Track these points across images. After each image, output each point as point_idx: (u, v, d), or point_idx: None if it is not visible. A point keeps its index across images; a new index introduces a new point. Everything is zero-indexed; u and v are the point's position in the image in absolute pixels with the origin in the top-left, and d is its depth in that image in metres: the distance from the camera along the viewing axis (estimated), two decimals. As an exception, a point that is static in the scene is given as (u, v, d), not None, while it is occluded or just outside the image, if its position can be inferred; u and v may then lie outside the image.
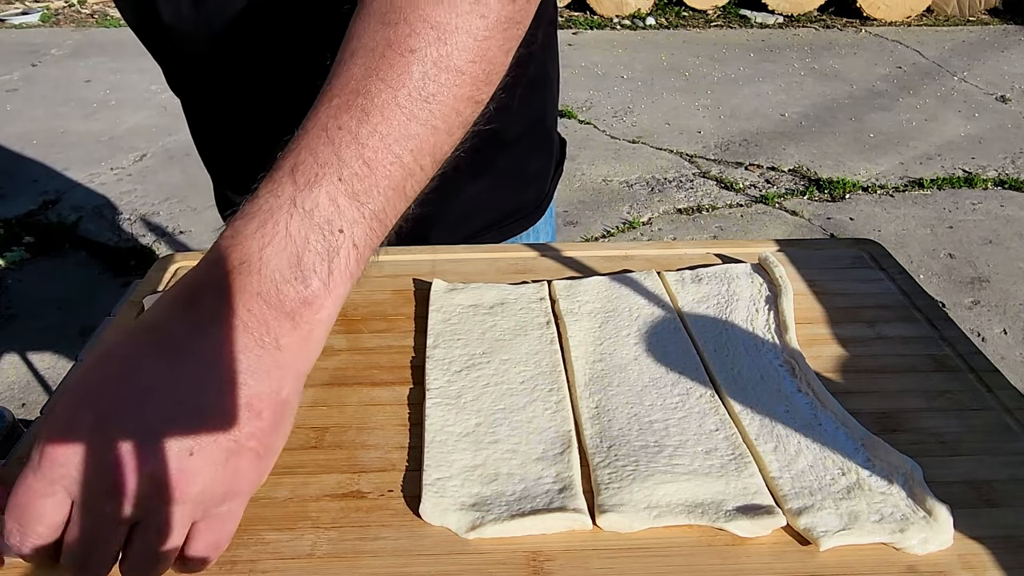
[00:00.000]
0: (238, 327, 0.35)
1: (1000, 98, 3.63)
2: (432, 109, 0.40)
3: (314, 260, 0.36)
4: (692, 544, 0.43)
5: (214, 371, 0.34)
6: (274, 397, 0.36)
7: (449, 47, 0.40)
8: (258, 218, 0.37)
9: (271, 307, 0.35)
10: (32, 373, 2.01)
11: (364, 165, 0.38)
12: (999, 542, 0.43)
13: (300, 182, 0.37)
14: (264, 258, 0.36)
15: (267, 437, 0.36)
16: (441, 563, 0.42)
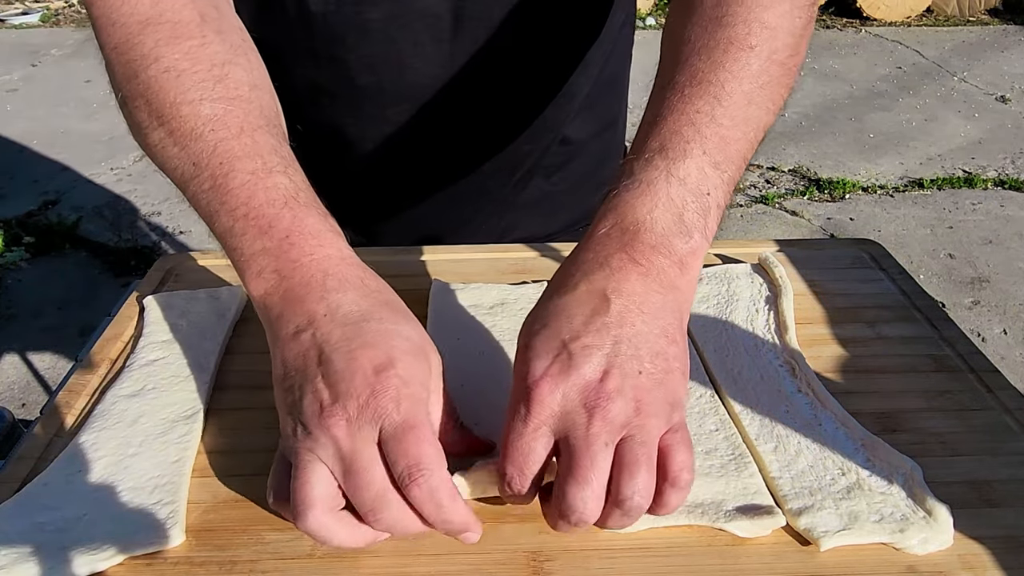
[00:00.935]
0: (643, 273, 0.42)
1: (1000, 98, 3.63)
2: (765, 95, 0.47)
3: (693, 218, 0.43)
4: (692, 544, 0.43)
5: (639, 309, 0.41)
6: (680, 326, 0.42)
7: (778, 44, 0.47)
8: (640, 187, 0.43)
9: (664, 256, 0.42)
10: (32, 373, 2.01)
11: (721, 140, 0.45)
12: (999, 542, 0.43)
13: (671, 156, 0.44)
14: (654, 217, 0.43)
15: (684, 356, 0.42)
16: (441, 563, 0.42)
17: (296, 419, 0.40)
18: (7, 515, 0.44)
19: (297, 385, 0.41)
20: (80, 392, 0.55)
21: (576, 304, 0.41)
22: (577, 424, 0.38)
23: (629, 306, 0.41)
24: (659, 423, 0.39)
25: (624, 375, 0.39)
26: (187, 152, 0.46)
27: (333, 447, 0.38)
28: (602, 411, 0.38)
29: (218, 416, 0.53)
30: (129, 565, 0.42)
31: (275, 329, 0.43)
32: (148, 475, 0.47)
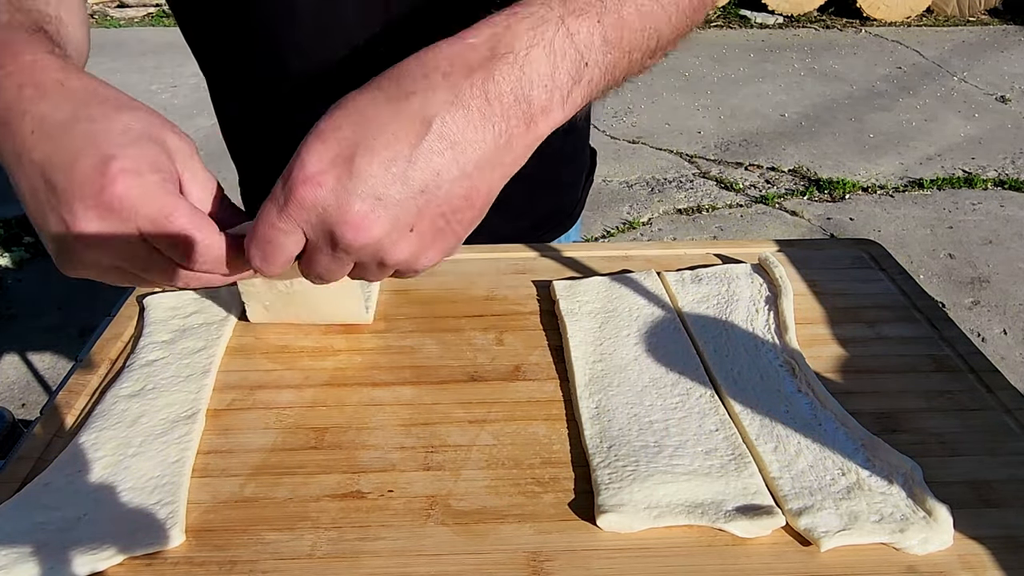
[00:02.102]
0: (487, 115, 0.37)
1: (1000, 98, 3.63)
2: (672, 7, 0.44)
3: (564, 78, 0.39)
4: (692, 544, 0.43)
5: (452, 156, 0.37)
6: (488, 190, 0.39)
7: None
8: (530, 20, 0.39)
9: (518, 104, 0.38)
10: (32, 373, 2.01)
11: (619, 19, 0.41)
12: (999, 542, 0.43)
13: (569, 7, 0.40)
14: (529, 56, 0.38)
15: (471, 225, 0.39)
16: (441, 563, 0.42)
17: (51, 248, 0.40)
18: (7, 515, 0.44)
19: (39, 218, 0.40)
20: (80, 392, 0.55)
21: (396, 118, 0.37)
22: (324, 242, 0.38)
23: (445, 150, 0.37)
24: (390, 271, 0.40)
25: (392, 225, 0.37)
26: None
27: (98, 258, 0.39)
28: (347, 248, 0.37)
29: (218, 416, 0.53)
30: (129, 565, 0.42)
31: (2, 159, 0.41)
32: (148, 475, 0.47)
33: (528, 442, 0.50)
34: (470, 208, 0.38)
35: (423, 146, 0.36)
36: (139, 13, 5.15)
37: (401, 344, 0.60)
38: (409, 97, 0.37)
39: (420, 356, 0.59)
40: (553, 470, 0.48)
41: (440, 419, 0.52)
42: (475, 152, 0.37)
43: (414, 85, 0.37)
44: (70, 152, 0.38)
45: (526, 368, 0.57)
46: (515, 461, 0.49)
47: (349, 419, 0.52)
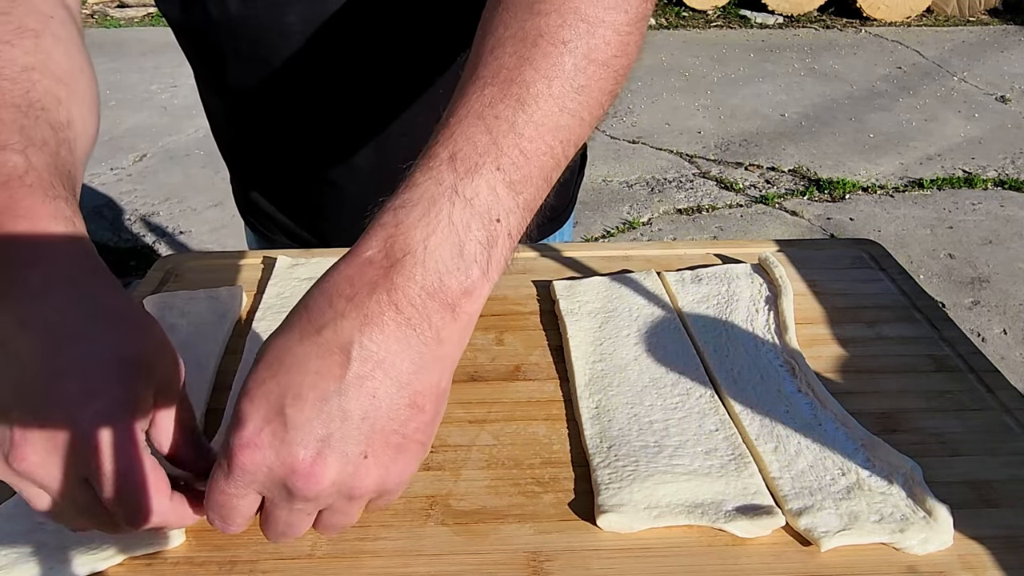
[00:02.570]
0: (402, 323, 0.35)
1: (1000, 98, 3.63)
2: (581, 101, 0.40)
3: (475, 249, 0.36)
4: (692, 544, 0.43)
5: (384, 374, 0.35)
6: (435, 390, 0.37)
7: (597, 40, 0.41)
8: (420, 206, 0.36)
9: (434, 299, 0.36)
10: (32, 373, 2.01)
11: (521, 154, 0.38)
12: (999, 542, 0.43)
13: (460, 170, 0.37)
14: (429, 248, 0.36)
15: (429, 428, 0.37)
16: (441, 563, 0.42)
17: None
18: (7, 515, 0.44)
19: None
20: (80, 392, 0.55)
21: (312, 356, 0.35)
22: (280, 498, 0.36)
23: (374, 371, 0.35)
24: (363, 503, 0.37)
25: (344, 461, 0.35)
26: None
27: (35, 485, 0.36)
28: (304, 499, 0.35)
29: (218, 416, 0.53)
30: (129, 565, 0.42)
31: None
32: (148, 475, 0.46)
33: (528, 442, 0.50)
34: (421, 412, 0.36)
35: (349, 375, 0.34)
36: (139, 13, 5.15)
37: (401, 344, 0.60)
38: (321, 331, 0.35)
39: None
40: (553, 470, 0.48)
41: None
42: (404, 362, 0.35)
43: (322, 318, 0.36)
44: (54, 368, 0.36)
45: (526, 368, 0.57)
46: (515, 461, 0.49)
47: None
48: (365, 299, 0.35)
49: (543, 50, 0.40)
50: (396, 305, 0.35)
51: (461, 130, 0.38)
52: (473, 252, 0.36)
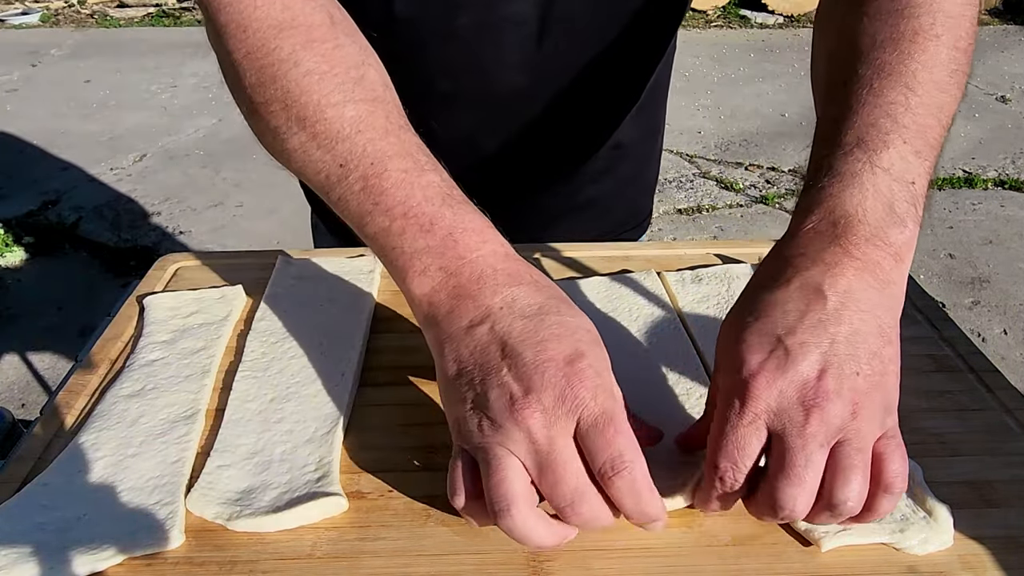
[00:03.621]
0: (859, 267, 0.41)
1: (1000, 98, 3.63)
2: (953, 82, 0.47)
3: (904, 207, 0.42)
4: (692, 544, 0.43)
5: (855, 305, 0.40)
6: (896, 325, 0.42)
7: (960, 31, 0.47)
8: (845, 181, 0.43)
9: (879, 248, 0.41)
10: (32, 373, 2.01)
11: (919, 129, 0.44)
12: (999, 542, 0.43)
13: (871, 147, 0.43)
14: (865, 210, 0.41)
15: (898, 358, 0.42)
16: (441, 563, 0.42)
17: (481, 413, 0.40)
18: (7, 515, 0.44)
19: (479, 380, 0.40)
20: (80, 392, 0.55)
21: (790, 299, 0.40)
22: (793, 421, 0.38)
23: (846, 303, 0.40)
24: (873, 428, 0.39)
25: (842, 376, 0.38)
26: (333, 155, 0.46)
27: (527, 441, 0.38)
28: (819, 411, 0.37)
29: (219, 416, 0.52)
30: (129, 565, 0.42)
31: (444, 326, 0.43)
32: (148, 475, 0.47)
33: (528, 442, 0.50)
34: (889, 343, 0.41)
35: (828, 307, 0.39)
36: (139, 13, 5.16)
37: (401, 344, 0.60)
38: (791, 281, 0.41)
39: (420, 356, 0.58)
40: (553, 470, 0.48)
41: (440, 419, 0.52)
42: (869, 296, 0.40)
43: (787, 274, 0.42)
44: (541, 334, 0.40)
45: (526, 368, 0.57)
46: (515, 461, 0.49)
47: (349, 419, 0.52)
48: (821, 252, 0.41)
49: (921, 45, 0.46)
50: (850, 253, 0.41)
51: (860, 119, 0.44)
52: (903, 209, 0.42)
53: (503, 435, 0.38)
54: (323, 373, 0.55)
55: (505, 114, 0.69)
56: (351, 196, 0.46)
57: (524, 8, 0.63)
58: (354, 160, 0.45)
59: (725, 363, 0.41)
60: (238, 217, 2.72)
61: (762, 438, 0.39)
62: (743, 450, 0.39)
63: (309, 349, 0.57)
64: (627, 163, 0.81)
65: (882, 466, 0.39)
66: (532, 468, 0.38)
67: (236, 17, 0.47)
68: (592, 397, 0.38)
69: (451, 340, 0.42)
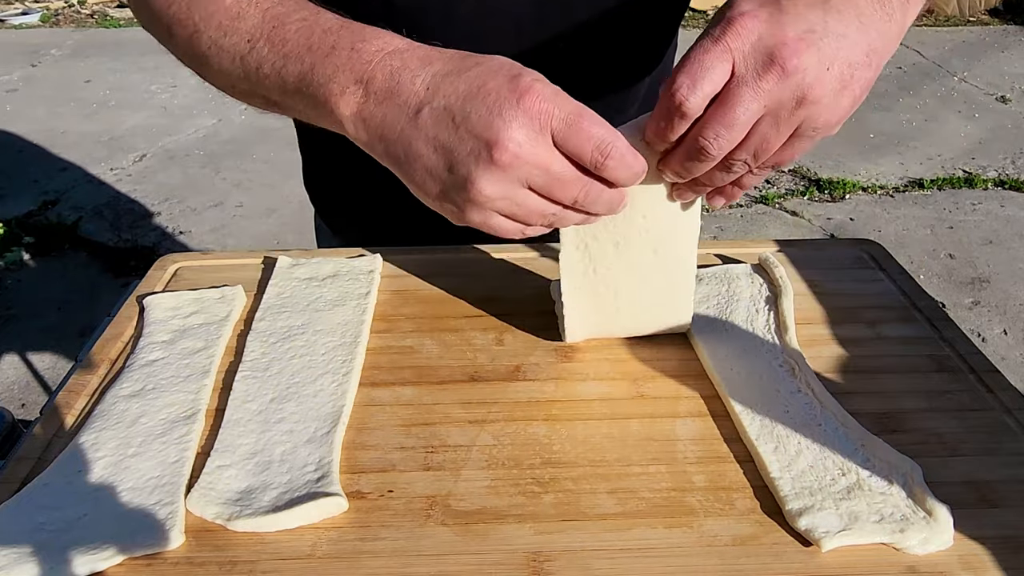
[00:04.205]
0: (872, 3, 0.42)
1: (1000, 98, 3.63)
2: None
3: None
4: (692, 544, 0.43)
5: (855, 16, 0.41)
6: (880, 60, 0.43)
7: None
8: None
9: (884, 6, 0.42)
10: (32, 373, 2.01)
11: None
12: (999, 542, 0.43)
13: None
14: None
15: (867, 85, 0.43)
16: (441, 563, 0.42)
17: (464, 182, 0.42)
18: (7, 515, 0.44)
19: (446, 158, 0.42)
20: (80, 392, 0.55)
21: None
22: (754, 70, 0.40)
23: (849, 8, 0.41)
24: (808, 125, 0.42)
25: (818, 58, 0.40)
26: (239, 35, 0.48)
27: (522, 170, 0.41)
28: (782, 71, 0.39)
29: (219, 416, 0.52)
30: (129, 565, 0.42)
31: (387, 133, 0.44)
32: (148, 475, 0.47)
33: (528, 442, 0.50)
34: (868, 67, 0.42)
35: (832, 3, 0.41)
36: (139, 13, 5.15)
37: (401, 344, 0.60)
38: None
39: (420, 356, 0.59)
40: (553, 470, 0.48)
41: (440, 419, 0.52)
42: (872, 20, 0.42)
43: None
44: (474, 85, 0.41)
45: (526, 368, 0.57)
46: (515, 461, 0.49)
47: (349, 419, 0.52)
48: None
49: None
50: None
51: None
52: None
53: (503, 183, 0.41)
54: (323, 373, 0.55)
55: None
56: (264, 63, 0.47)
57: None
58: (257, 29, 0.47)
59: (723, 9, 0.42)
60: (238, 217, 2.72)
61: (725, 72, 0.41)
62: (704, 70, 0.40)
63: (309, 349, 0.57)
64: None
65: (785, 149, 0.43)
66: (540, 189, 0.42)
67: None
68: (552, 104, 0.41)
69: (400, 141, 0.43)
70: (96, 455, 0.48)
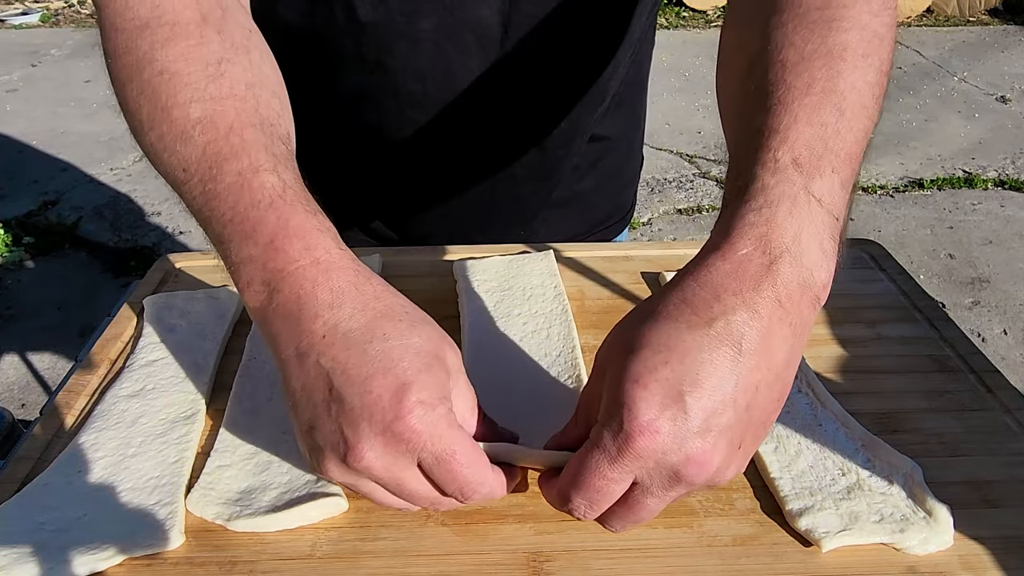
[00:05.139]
0: (783, 319, 0.37)
1: (1000, 98, 3.63)
2: (875, 107, 0.44)
3: (829, 246, 0.39)
4: (692, 544, 0.43)
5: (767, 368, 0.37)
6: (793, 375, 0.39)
7: (884, 54, 0.45)
8: (784, 206, 0.39)
9: (805, 293, 0.38)
10: (32, 373, 2.01)
11: (846, 157, 0.41)
12: (999, 542, 0.43)
13: (806, 173, 0.40)
14: (800, 244, 0.38)
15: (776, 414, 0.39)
16: (441, 563, 0.42)
17: (320, 454, 0.39)
18: (7, 515, 0.44)
19: (311, 417, 0.39)
20: (80, 392, 0.55)
21: (704, 347, 0.36)
22: (659, 484, 0.37)
23: (759, 365, 0.37)
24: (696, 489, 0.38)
25: (729, 452, 0.37)
26: (177, 157, 0.44)
27: (375, 479, 0.39)
28: (688, 483, 0.36)
29: (219, 416, 0.53)
30: (129, 565, 0.42)
31: (276, 351, 0.41)
32: (148, 475, 0.47)
33: (528, 442, 0.50)
34: (780, 405, 0.39)
35: (740, 367, 0.36)
36: (139, 13, 5.15)
37: (401, 344, 0.60)
38: (711, 324, 0.37)
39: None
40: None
41: (440, 419, 0.52)
42: (781, 354, 0.37)
43: (710, 311, 0.37)
44: (364, 369, 0.38)
45: (526, 368, 0.57)
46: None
47: (349, 419, 0.52)
48: (752, 295, 0.37)
49: (850, 63, 0.43)
50: (779, 301, 0.37)
51: (794, 136, 0.41)
52: (829, 248, 0.39)
53: (352, 477, 0.39)
54: None
55: (474, 112, 0.70)
56: (193, 201, 0.44)
57: (485, 13, 0.63)
58: (194, 164, 0.43)
59: (612, 386, 0.38)
60: (238, 217, 2.72)
61: (624, 488, 0.38)
62: (602, 495, 0.38)
63: None
64: (607, 158, 0.82)
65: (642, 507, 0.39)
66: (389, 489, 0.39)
67: (110, 16, 0.48)
68: (428, 436, 0.37)
69: (284, 367, 0.40)
70: (96, 455, 0.48)
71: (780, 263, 0.38)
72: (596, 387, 0.40)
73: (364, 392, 0.37)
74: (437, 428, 0.38)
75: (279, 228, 0.41)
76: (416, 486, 0.39)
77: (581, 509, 0.38)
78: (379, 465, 0.37)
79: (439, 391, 0.39)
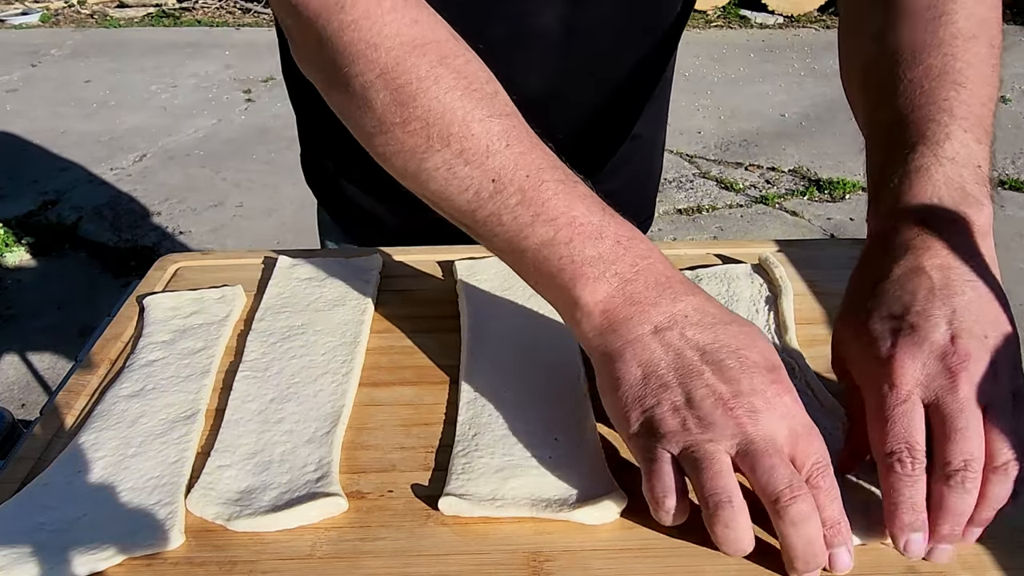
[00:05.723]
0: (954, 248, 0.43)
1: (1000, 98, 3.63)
2: (993, 75, 0.52)
3: (976, 188, 0.45)
4: (692, 544, 0.43)
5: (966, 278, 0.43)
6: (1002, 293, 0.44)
7: (993, 31, 0.52)
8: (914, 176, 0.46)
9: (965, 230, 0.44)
10: (32, 373, 2.01)
11: (975, 119, 0.48)
12: (999, 542, 0.43)
13: (934, 140, 0.46)
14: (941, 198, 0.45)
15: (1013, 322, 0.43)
16: (441, 563, 0.42)
17: (686, 412, 0.41)
18: (7, 515, 0.44)
19: (677, 382, 0.41)
20: (80, 392, 0.55)
21: (896, 286, 0.43)
22: (944, 388, 0.39)
23: (952, 276, 0.41)
24: (1009, 388, 0.40)
25: (973, 338, 0.40)
26: (483, 170, 0.46)
27: (741, 435, 0.39)
28: (966, 372, 0.39)
29: (219, 416, 0.52)
30: (129, 565, 0.42)
31: (623, 331, 0.43)
32: (148, 475, 0.47)
33: (528, 442, 0.50)
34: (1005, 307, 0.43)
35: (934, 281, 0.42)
36: (139, 13, 5.16)
37: (401, 344, 0.60)
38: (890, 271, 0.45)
39: (420, 356, 0.59)
40: (553, 470, 0.48)
41: (440, 419, 0.52)
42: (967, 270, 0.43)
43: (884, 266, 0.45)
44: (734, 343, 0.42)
45: (526, 368, 0.57)
46: (515, 461, 0.49)
47: (349, 419, 0.52)
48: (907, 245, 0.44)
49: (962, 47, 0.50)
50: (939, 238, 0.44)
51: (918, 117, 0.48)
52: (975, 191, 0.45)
53: (715, 431, 0.40)
54: (323, 373, 0.55)
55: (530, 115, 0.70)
56: (506, 210, 0.45)
57: (548, 21, 0.64)
58: (508, 174, 0.45)
59: (854, 357, 0.43)
60: (238, 217, 2.72)
61: (921, 412, 0.40)
62: (909, 428, 0.40)
63: (309, 349, 0.57)
64: (641, 153, 0.83)
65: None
66: (743, 461, 0.40)
67: (365, 36, 0.46)
68: (799, 408, 0.41)
69: (634, 344, 0.43)
70: (96, 455, 0.48)
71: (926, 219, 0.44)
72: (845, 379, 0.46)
73: (741, 358, 0.41)
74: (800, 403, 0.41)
75: (620, 232, 0.46)
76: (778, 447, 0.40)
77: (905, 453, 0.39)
78: (754, 419, 0.39)
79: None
